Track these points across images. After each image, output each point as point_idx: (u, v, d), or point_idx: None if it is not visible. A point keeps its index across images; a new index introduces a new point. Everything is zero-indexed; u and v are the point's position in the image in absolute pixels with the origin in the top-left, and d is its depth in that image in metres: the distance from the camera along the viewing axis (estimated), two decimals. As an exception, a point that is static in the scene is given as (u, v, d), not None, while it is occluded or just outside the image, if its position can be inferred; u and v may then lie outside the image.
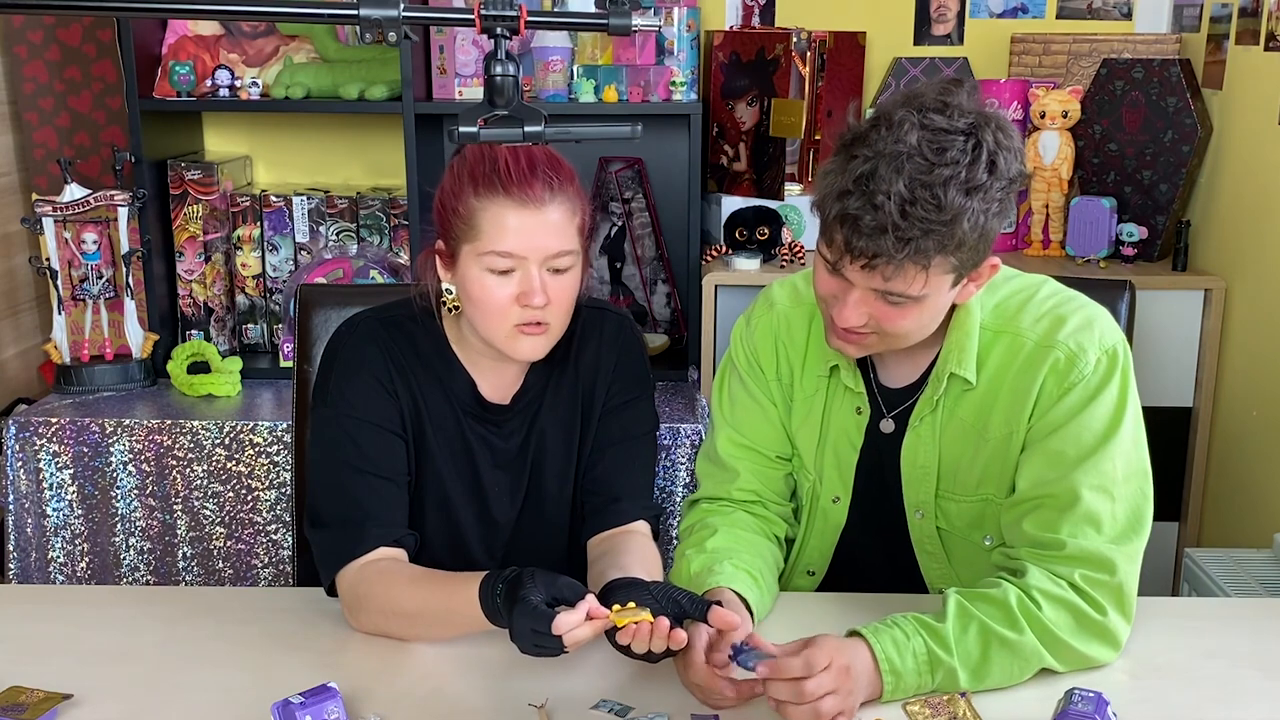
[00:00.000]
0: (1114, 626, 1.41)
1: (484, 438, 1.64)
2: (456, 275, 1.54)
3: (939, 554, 1.60)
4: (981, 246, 1.38)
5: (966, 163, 1.33)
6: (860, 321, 1.43)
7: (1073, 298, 1.53)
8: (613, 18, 1.27)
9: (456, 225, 1.51)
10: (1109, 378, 1.46)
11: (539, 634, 1.27)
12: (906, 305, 1.40)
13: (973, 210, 1.34)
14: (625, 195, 2.98)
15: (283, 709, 1.25)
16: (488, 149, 1.49)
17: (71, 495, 2.56)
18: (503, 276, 1.50)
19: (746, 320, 1.69)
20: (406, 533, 1.56)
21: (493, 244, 1.48)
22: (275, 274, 2.95)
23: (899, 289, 1.38)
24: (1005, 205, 1.38)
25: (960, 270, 1.40)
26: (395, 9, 1.21)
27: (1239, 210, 2.67)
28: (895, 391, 1.58)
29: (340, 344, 1.62)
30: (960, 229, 1.33)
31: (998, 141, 1.35)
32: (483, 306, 1.51)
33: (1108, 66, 2.82)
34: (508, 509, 1.66)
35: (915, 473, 1.57)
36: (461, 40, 2.79)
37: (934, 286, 1.39)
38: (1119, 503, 1.43)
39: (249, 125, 3.13)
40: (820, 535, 1.67)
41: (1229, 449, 2.71)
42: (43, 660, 1.42)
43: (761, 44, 2.85)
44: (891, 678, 1.32)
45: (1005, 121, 1.39)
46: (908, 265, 1.35)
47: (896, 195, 1.32)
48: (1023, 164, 1.40)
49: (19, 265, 2.97)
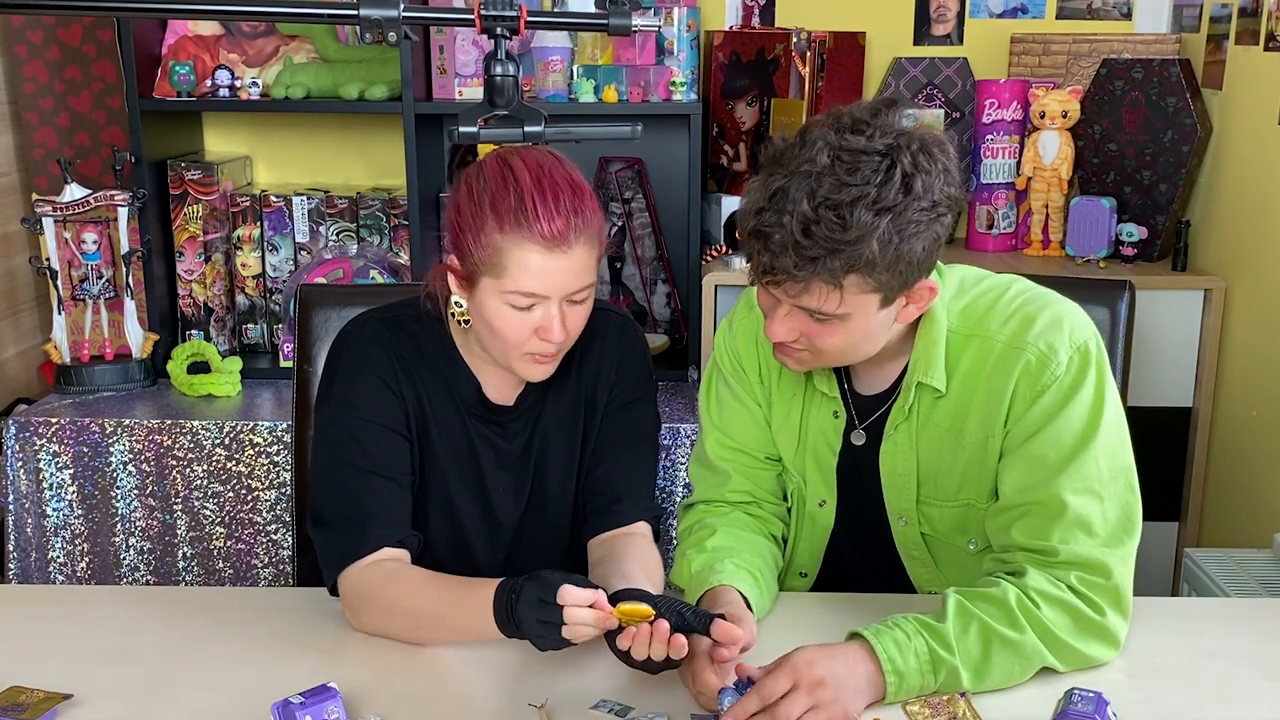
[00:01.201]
0: (1113, 626, 1.41)
1: (488, 439, 1.64)
2: (473, 299, 1.51)
3: (925, 559, 1.60)
4: (903, 268, 1.36)
5: (878, 182, 1.32)
6: (790, 337, 1.43)
7: (1040, 295, 1.52)
8: (613, 18, 1.27)
9: (477, 255, 1.47)
10: (1083, 376, 1.44)
11: (544, 604, 1.28)
12: (832, 323, 1.40)
13: (882, 230, 1.32)
14: (625, 195, 2.98)
15: (283, 709, 1.25)
16: (511, 177, 1.45)
17: (71, 495, 2.56)
18: (523, 311, 1.48)
19: (729, 323, 1.69)
20: (410, 533, 1.56)
21: (517, 285, 1.46)
22: (275, 274, 2.95)
23: (813, 306, 1.38)
24: (928, 228, 1.35)
25: (886, 292, 1.38)
26: (395, 9, 1.22)
27: (1239, 210, 2.67)
28: (869, 399, 1.58)
29: (345, 344, 1.61)
30: (868, 249, 1.32)
31: (916, 164, 1.33)
32: (500, 336, 1.50)
33: (1107, 66, 2.82)
34: (511, 510, 1.66)
35: (895, 480, 1.57)
36: (461, 40, 2.79)
37: (854, 306, 1.38)
38: (1108, 502, 1.42)
39: (249, 125, 3.13)
40: (809, 538, 1.67)
41: (1229, 449, 2.71)
42: (43, 660, 1.42)
43: (761, 44, 2.85)
44: (894, 678, 1.32)
45: (933, 143, 1.37)
46: (815, 283, 1.35)
47: (800, 214, 1.31)
48: (953, 186, 1.37)
49: (19, 265, 2.97)
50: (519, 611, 1.32)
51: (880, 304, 1.40)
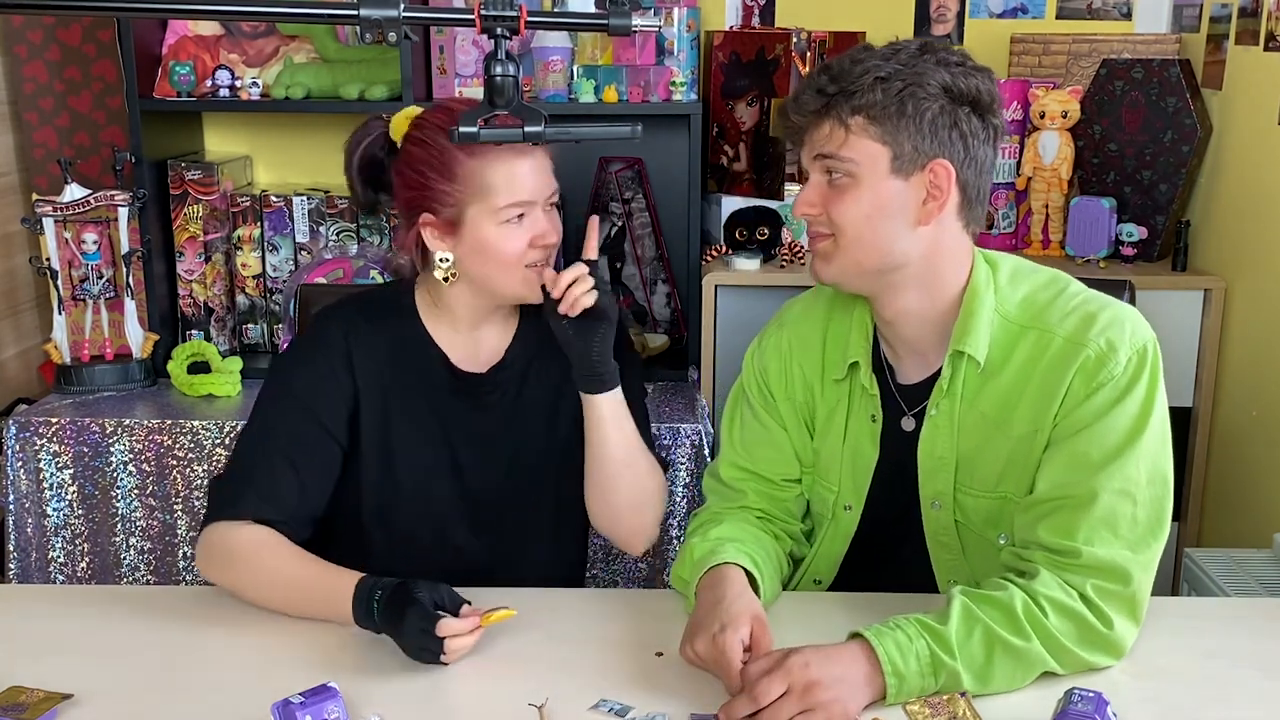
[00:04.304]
0: (1118, 639, 1.40)
1: (460, 411, 1.68)
2: (462, 241, 1.60)
3: (954, 545, 1.58)
4: (911, 130, 1.43)
5: (895, 48, 1.46)
6: (811, 203, 1.49)
7: (1099, 295, 1.53)
8: (613, 18, 1.27)
9: (455, 192, 1.58)
10: (1138, 378, 1.44)
11: (426, 634, 1.36)
12: (846, 187, 1.46)
13: (889, 75, 1.42)
14: (625, 195, 2.98)
15: (283, 709, 1.25)
16: (452, 116, 1.55)
17: (72, 495, 2.56)
18: (516, 225, 1.59)
19: (759, 341, 1.70)
20: (282, 521, 1.59)
21: (508, 197, 1.58)
22: (275, 274, 2.95)
23: (822, 146, 1.46)
24: (940, 102, 1.43)
25: (895, 150, 1.44)
26: (395, 9, 1.22)
27: (1239, 210, 2.67)
28: (913, 388, 1.58)
29: (310, 323, 1.70)
30: (873, 90, 1.42)
31: (934, 46, 1.46)
32: (502, 259, 1.60)
33: (1107, 67, 2.82)
34: (485, 479, 1.69)
35: (933, 463, 1.56)
36: (461, 40, 2.79)
37: (862, 155, 1.44)
38: (1140, 506, 1.42)
39: (249, 125, 3.13)
40: (830, 542, 1.66)
41: (1229, 449, 2.71)
42: (43, 660, 1.42)
43: (761, 44, 2.85)
44: (895, 680, 1.32)
45: (966, 53, 1.47)
46: (826, 122, 1.45)
47: (828, 67, 1.47)
48: (981, 88, 1.46)
49: (19, 265, 2.97)
50: (403, 640, 1.39)
51: (891, 167, 1.44)
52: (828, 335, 1.63)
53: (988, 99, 1.46)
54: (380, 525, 1.69)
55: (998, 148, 1.51)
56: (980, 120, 1.46)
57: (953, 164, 1.45)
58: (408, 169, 1.62)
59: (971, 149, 1.46)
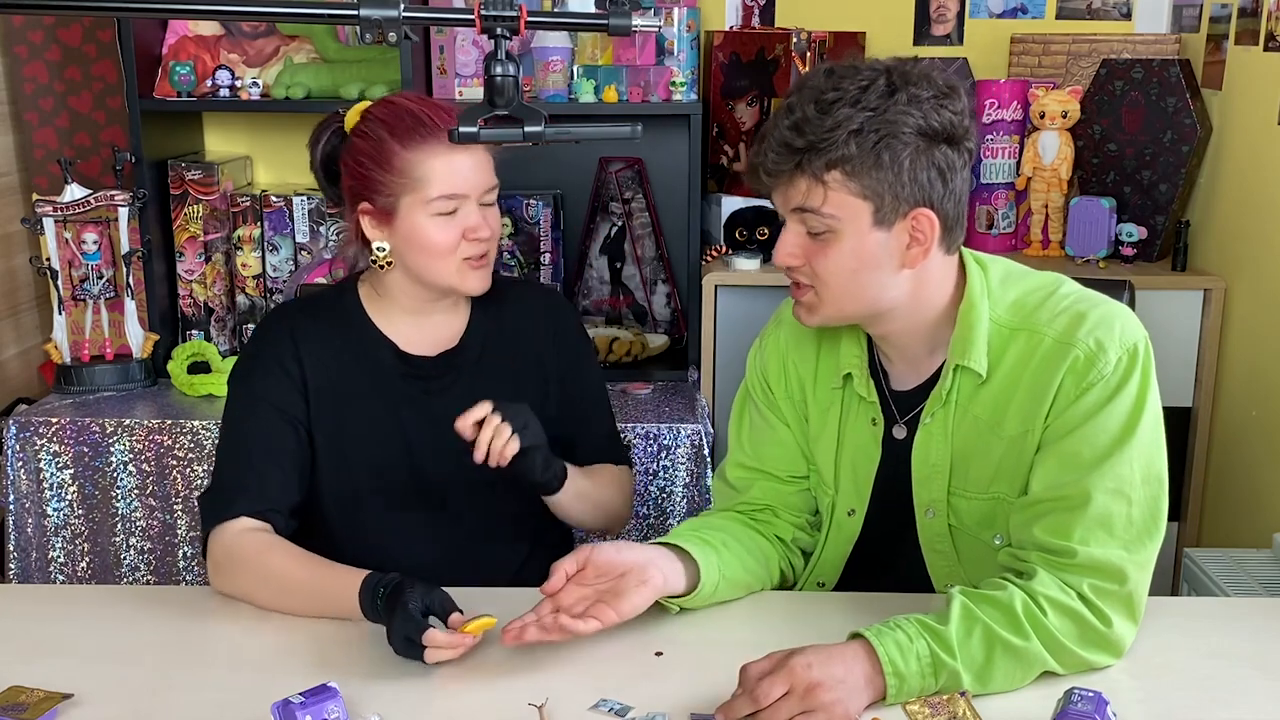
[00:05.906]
0: (1117, 637, 1.40)
1: (411, 397, 1.70)
2: (396, 231, 1.64)
3: (949, 551, 1.59)
4: (890, 180, 1.39)
5: (863, 86, 1.39)
6: (792, 258, 1.46)
7: (1091, 295, 1.52)
8: (613, 18, 1.27)
9: (391, 182, 1.61)
10: (1128, 377, 1.43)
11: (411, 642, 1.37)
12: (829, 240, 1.43)
13: (860, 124, 1.37)
14: (625, 195, 2.98)
15: (283, 709, 1.25)
16: (395, 109, 1.63)
17: (72, 495, 2.56)
18: (449, 218, 1.62)
19: (760, 341, 1.70)
20: (272, 509, 1.62)
21: (440, 189, 1.61)
22: (275, 274, 2.95)
23: (800, 202, 1.42)
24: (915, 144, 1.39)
25: (876, 204, 1.40)
26: (395, 9, 1.22)
27: (1239, 210, 2.67)
28: (907, 394, 1.58)
29: (254, 331, 1.75)
30: (846, 145, 1.37)
31: (906, 79, 1.40)
32: (433, 250, 1.63)
33: (1107, 67, 2.82)
34: (439, 463, 1.70)
35: (926, 471, 1.56)
36: (461, 40, 2.79)
37: (842, 210, 1.41)
38: (1135, 506, 1.41)
39: (249, 125, 3.13)
40: (834, 547, 1.66)
41: (1229, 449, 2.71)
42: (43, 660, 1.42)
43: (761, 44, 2.85)
44: (895, 680, 1.32)
45: (934, 73, 1.42)
46: (800, 178, 1.41)
47: (793, 116, 1.41)
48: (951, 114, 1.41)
49: (19, 265, 2.97)
50: (391, 640, 1.40)
51: (873, 220, 1.42)
52: (823, 340, 1.63)
53: (961, 129, 1.43)
54: (341, 514, 1.72)
55: (972, 166, 1.50)
56: (955, 151, 1.43)
57: (934, 206, 1.43)
58: (350, 160, 1.67)
59: (950, 182, 1.43)
